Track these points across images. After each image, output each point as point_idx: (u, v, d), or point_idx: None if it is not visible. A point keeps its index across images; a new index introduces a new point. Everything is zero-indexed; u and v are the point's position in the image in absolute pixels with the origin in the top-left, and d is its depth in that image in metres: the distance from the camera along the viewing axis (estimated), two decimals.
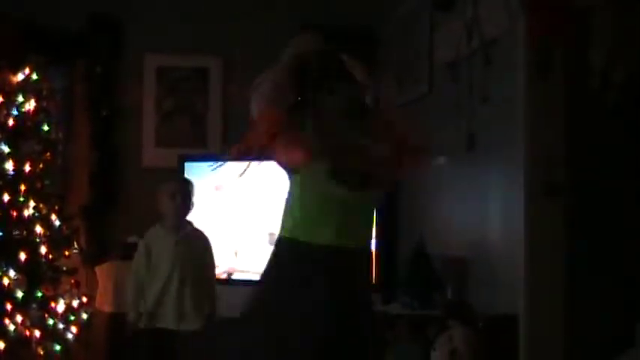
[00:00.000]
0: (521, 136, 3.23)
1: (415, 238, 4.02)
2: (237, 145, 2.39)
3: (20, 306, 4.25)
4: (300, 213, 2.51)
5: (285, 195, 2.59)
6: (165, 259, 3.92)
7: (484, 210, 3.65)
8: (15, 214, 4.33)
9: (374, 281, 3.87)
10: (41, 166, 4.49)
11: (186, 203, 3.99)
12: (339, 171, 2.46)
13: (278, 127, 2.44)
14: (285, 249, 2.54)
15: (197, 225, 4.10)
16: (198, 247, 4.03)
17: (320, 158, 2.45)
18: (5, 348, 4.12)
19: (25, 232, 4.36)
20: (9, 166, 4.32)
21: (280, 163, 2.55)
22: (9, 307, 4.20)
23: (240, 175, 2.42)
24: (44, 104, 4.56)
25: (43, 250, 4.38)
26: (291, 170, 2.55)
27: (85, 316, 4.56)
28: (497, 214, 3.54)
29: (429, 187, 4.35)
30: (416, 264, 3.86)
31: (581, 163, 3.22)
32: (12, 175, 4.34)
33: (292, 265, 2.51)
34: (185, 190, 4.00)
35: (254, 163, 2.42)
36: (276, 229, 2.63)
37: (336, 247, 2.47)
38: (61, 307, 4.41)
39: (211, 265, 4.08)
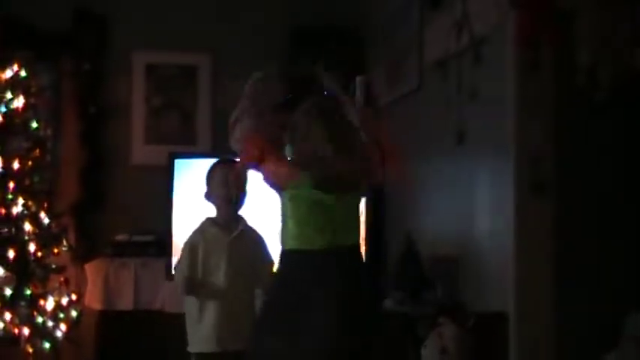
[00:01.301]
0: (510, 134, 3.23)
1: (404, 235, 4.02)
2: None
3: (9, 304, 4.24)
4: (294, 224, 2.71)
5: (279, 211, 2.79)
6: (218, 265, 3.27)
7: (473, 207, 3.65)
8: (3, 211, 4.32)
9: None
10: (30, 163, 4.48)
11: (239, 193, 3.35)
12: (321, 181, 2.66)
13: (262, 151, 2.77)
14: (288, 260, 2.73)
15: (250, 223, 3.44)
16: (256, 251, 3.38)
17: (304, 174, 2.67)
18: None
19: (13, 230, 4.35)
20: None
21: (270, 184, 2.78)
22: None
23: None
24: (32, 101, 4.55)
25: (32, 247, 4.37)
26: (280, 188, 2.76)
27: (74, 313, 4.55)
28: (487, 212, 3.54)
29: (418, 185, 4.35)
30: (405, 262, 3.86)
31: (570, 161, 3.23)
32: (0, 172, 4.33)
33: (295, 272, 2.71)
34: (240, 176, 3.32)
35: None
36: (275, 231, 2.80)
37: (334, 248, 2.68)
38: (50, 304, 4.40)
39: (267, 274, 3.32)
